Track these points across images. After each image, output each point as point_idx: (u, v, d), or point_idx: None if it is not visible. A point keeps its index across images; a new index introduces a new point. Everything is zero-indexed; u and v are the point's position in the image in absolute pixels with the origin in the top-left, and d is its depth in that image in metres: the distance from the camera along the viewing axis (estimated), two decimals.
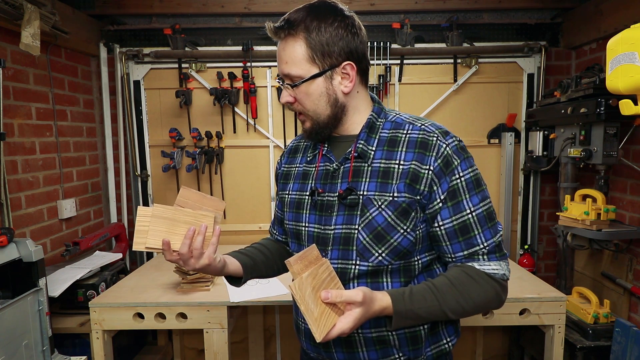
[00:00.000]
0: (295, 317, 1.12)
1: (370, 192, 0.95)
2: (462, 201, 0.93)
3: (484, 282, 0.93)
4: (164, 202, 2.75)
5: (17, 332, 1.53)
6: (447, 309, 0.91)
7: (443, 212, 0.93)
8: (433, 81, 2.65)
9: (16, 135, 2.01)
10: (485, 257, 0.94)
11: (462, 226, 0.93)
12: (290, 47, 0.93)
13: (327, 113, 0.97)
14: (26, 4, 1.83)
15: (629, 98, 1.61)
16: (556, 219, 2.22)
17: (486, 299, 0.93)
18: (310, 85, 0.95)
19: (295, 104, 0.98)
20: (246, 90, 2.60)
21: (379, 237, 0.94)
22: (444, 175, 0.92)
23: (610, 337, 1.93)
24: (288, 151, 1.18)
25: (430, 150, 0.93)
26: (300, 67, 0.93)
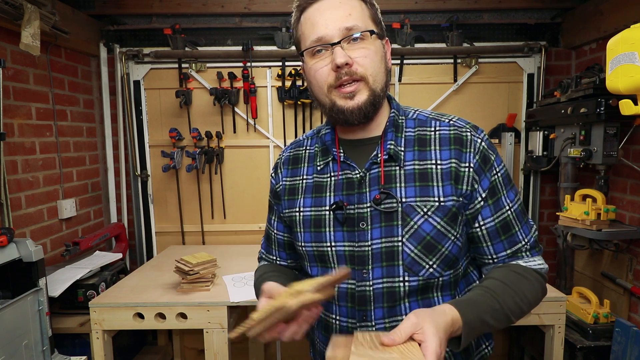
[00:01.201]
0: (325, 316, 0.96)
1: (410, 199, 0.85)
2: (501, 197, 0.87)
3: (534, 278, 0.87)
4: (164, 202, 2.76)
5: (17, 332, 1.53)
6: (508, 311, 0.81)
7: (484, 211, 0.87)
8: (433, 81, 2.65)
9: (16, 135, 2.01)
10: (528, 252, 0.89)
11: (503, 224, 0.87)
12: (350, 2, 0.84)
13: (384, 83, 0.86)
14: (26, 4, 1.83)
15: (629, 98, 1.61)
16: (556, 219, 2.22)
17: (537, 296, 0.87)
18: (375, 42, 0.85)
19: (353, 66, 0.82)
20: (246, 90, 2.60)
21: (429, 248, 0.84)
22: (484, 171, 0.86)
23: (610, 337, 1.93)
24: (286, 162, 1.01)
25: (467, 146, 0.86)
26: (364, 21, 0.84)
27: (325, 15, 0.82)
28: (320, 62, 0.84)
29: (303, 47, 0.87)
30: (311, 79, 0.87)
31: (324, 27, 0.82)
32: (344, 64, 0.81)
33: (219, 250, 2.57)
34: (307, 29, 0.85)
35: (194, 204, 2.75)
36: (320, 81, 0.85)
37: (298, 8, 0.88)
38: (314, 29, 0.83)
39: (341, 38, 0.81)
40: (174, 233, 2.79)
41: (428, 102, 2.65)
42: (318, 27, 0.83)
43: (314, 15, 0.84)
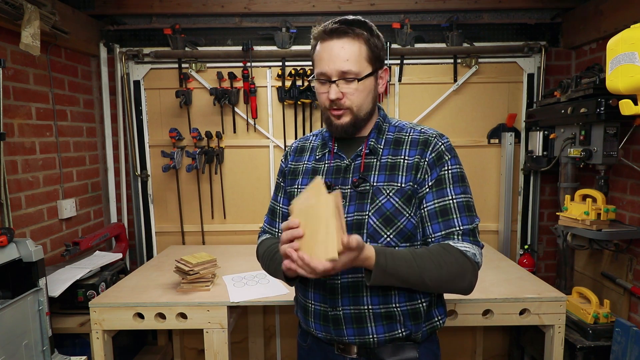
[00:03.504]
0: (303, 300, 1.18)
1: (380, 183, 1.09)
2: (446, 189, 1.08)
3: (456, 256, 1.03)
4: (164, 202, 2.76)
5: (17, 332, 1.53)
6: (424, 272, 0.99)
7: (428, 196, 1.08)
8: (433, 81, 2.65)
9: (16, 135, 2.01)
10: (460, 237, 1.06)
11: (442, 209, 1.07)
12: (351, 46, 1.05)
13: (369, 109, 1.11)
14: (26, 4, 1.83)
15: (629, 98, 1.61)
16: (556, 219, 2.22)
17: (457, 272, 1.02)
18: (366, 81, 1.08)
19: (343, 100, 1.07)
20: (246, 90, 2.60)
21: (388, 221, 1.07)
22: (436, 166, 1.08)
23: (610, 337, 1.93)
24: (294, 150, 1.28)
25: (429, 146, 1.10)
26: (360, 65, 1.06)
27: (330, 55, 1.06)
28: (322, 89, 1.10)
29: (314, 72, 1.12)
30: (317, 96, 1.14)
31: (327, 66, 1.06)
32: (335, 99, 1.07)
33: (219, 250, 2.57)
34: (317, 60, 1.10)
35: (194, 204, 2.75)
36: (321, 102, 1.13)
37: (315, 38, 1.11)
38: (320, 63, 1.08)
39: (337, 78, 1.06)
40: (174, 233, 2.79)
41: (428, 102, 2.65)
42: (323, 64, 1.07)
43: (323, 51, 1.07)
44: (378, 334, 1.09)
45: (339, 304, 1.10)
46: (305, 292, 1.17)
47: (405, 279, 1.00)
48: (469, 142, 2.68)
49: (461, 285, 1.04)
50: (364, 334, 1.09)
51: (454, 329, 2.52)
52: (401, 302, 1.09)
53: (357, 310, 1.09)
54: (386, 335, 1.09)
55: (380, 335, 1.09)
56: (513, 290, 1.87)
